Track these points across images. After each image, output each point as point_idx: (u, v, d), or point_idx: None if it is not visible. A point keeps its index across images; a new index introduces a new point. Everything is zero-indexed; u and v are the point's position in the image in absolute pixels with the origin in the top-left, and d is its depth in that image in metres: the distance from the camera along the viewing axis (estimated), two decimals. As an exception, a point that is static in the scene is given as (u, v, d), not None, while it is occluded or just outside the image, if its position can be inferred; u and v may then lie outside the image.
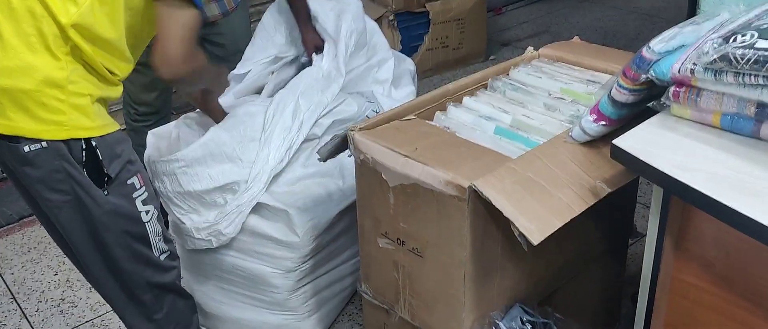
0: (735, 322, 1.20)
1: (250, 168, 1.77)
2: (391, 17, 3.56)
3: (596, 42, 1.79)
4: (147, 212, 1.39)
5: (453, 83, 1.66)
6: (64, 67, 1.26)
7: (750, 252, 1.13)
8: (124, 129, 1.74)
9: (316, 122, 1.85)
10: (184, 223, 1.81)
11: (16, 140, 1.27)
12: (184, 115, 1.98)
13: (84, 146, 1.28)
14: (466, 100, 1.62)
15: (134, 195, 1.37)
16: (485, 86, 1.69)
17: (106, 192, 1.32)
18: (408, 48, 3.63)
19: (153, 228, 1.42)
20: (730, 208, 0.99)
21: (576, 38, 1.88)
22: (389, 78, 2.11)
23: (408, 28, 3.63)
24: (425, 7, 3.62)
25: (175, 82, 1.61)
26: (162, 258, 1.45)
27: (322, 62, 1.93)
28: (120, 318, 1.50)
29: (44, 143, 1.27)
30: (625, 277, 1.86)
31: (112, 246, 1.37)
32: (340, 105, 1.90)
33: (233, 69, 2.03)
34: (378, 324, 1.70)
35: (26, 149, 1.27)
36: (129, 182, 1.36)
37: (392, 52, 2.19)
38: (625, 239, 1.80)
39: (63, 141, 1.26)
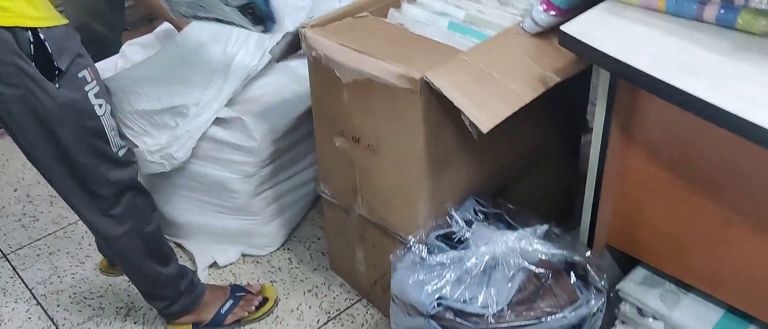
0: (680, 203, 1.25)
1: (201, 92, 1.74)
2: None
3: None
4: (100, 106, 1.38)
5: (407, -20, 1.64)
6: None
7: (691, 133, 1.16)
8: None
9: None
10: (137, 146, 1.80)
11: None
12: (127, 42, 1.94)
13: (32, 39, 1.26)
14: (419, -3, 1.61)
15: (86, 88, 1.35)
16: (439, -17, 1.67)
17: (57, 85, 1.30)
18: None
19: (108, 123, 1.40)
20: (673, 87, 1.02)
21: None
22: None
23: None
24: None
25: None
26: (120, 153, 1.45)
27: None
28: (76, 213, 1.50)
29: None
30: (580, 173, 1.91)
31: (67, 141, 1.36)
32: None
33: None
34: (338, 224, 1.73)
35: None
36: (80, 75, 1.34)
37: None
38: (578, 136, 1.84)
39: (9, 30, 1.23)
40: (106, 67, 1.90)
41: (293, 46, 1.50)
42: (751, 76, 1.01)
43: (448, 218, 1.39)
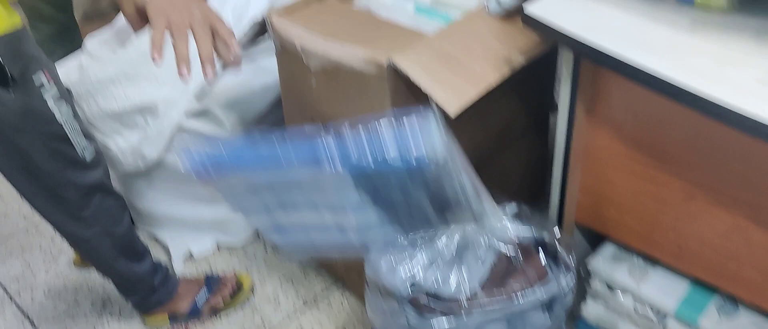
0: (645, 180, 1.27)
1: (170, 88, 1.73)
2: None
3: None
4: (60, 109, 1.34)
5: (373, -35, 1.65)
6: None
7: (653, 111, 1.18)
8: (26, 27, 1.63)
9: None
10: (110, 149, 1.79)
11: None
12: (89, 35, 1.92)
13: None
14: (386, -18, 1.61)
15: (43, 93, 1.31)
16: (405, -32, 1.67)
17: (11, 93, 1.26)
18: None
19: (70, 126, 1.37)
20: (631, 64, 1.04)
21: None
22: None
23: None
24: None
25: None
26: (86, 155, 1.42)
27: None
28: (44, 218, 1.47)
29: None
30: (549, 151, 1.93)
31: (28, 148, 1.33)
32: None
33: None
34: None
35: None
36: (36, 80, 1.30)
37: None
38: (546, 117, 1.85)
39: None
40: (70, 66, 1.88)
41: (260, 32, 1.50)
42: (707, 50, 1.03)
43: (418, 200, 1.40)
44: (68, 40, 2.26)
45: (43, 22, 2.29)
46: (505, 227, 1.27)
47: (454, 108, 1.21)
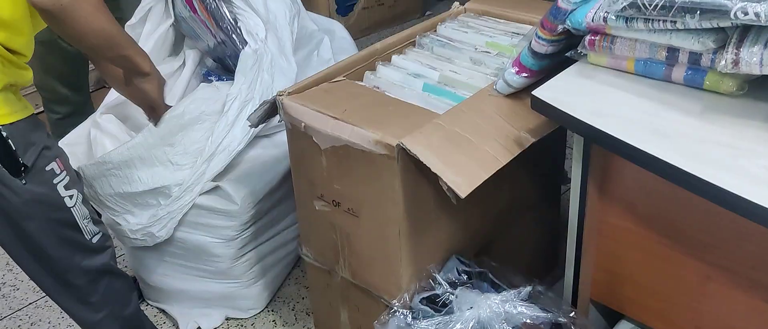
0: (659, 258, 1.26)
1: (184, 173, 1.73)
2: (325, -24, 3.53)
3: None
4: (71, 196, 1.35)
5: (381, 41, 1.67)
6: None
7: (667, 192, 1.17)
8: (40, 113, 1.62)
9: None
10: (120, 224, 1.80)
11: None
12: (102, 105, 1.93)
13: None
14: (394, 58, 1.63)
15: (55, 181, 1.32)
16: (413, 44, 1.69)
17: (24, 182, 1.27)
18: (343, 7, 3.60)
19: (80, 212, 1.38)
20: (642, 151, 1.03)
21: (501, -10, 1.89)
22: (330, 57, 2.06)
23: (342, -13, 3.60)
24: (358, -36, 3.60)
25: (56, 18, 1.24)
26: (94, 240, 1.42)
27: (263, 58, 1.79)
28: (54, 301, 1.47)
29: None
30: (561, 224, 1.92)
31: (36, 235, 1.34)
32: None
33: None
34: (322, 285, 1.72)
35: None
36: (48, 168, 1.31)
37: (321, 20, 2.17)
38: (557, 186, 1.85)
39: None
40: (79, 139, 1.88)
41: (270, 112, 1.51)
42: (719, 138, 1.02)
43: (431, 280, 1.39)
44: (84, 119, 2.27)
45: (60, 104, 2.31)
46: (519, 310, 1.25)
47: (464, 191, 1.21)
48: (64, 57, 2.18)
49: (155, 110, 1.68)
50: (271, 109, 1.49)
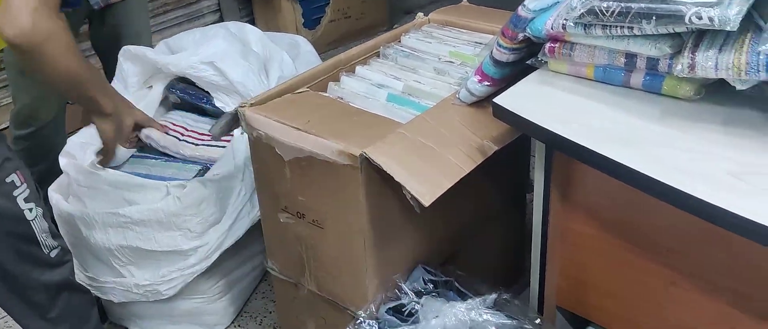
0: (622, 264, 1.26)
1: (199, 240, 1.73)
2: (291, -10, 3.52)
3: (491, 5, 1.81)
4: (30, 210, 1.33)
5: (345, 52, 1.66)
6: None
7: (629, 197, 1.18)
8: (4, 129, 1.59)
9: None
10: (123, 276, 1.77)
11: None
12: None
13: None
14: (358, 69, 1.63)
15: (15, 193, 1.30)
16: (377, 54, 1.69)
17: None
18: (310, 21, 3.59)
19: (39, 226, 1.35)
20: (604, 157, 1.04)
21: (464, 1, 1.90)
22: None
23: (308, 1, 3.58)
24: (324, -22, 3.59)
25: (25, 55, 1.27)
26: (52, 254, 1.39)
27: None
28: (11, 317, 1.44)
29: None
30: (527, 232, 1.92)
31: None
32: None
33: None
34: (288, 298, 1.70)
35: None
36: (8, 180, 1.29)
37: (283, 38, 2.17)
38: (523, 194, 1.85)
39: None
40: (92, 139, 1.78)
41: (232, 124, 1.50)
42: (678, 142, 1.03)
43: (397, 290, 1.38)
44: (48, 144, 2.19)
45: (36, 130, 2.22)
46: (485, 318, 1.25)
47: (428, 200, 1.20)
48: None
49: (106, 152, 1.68)
50: (234, 120, 1.48)
